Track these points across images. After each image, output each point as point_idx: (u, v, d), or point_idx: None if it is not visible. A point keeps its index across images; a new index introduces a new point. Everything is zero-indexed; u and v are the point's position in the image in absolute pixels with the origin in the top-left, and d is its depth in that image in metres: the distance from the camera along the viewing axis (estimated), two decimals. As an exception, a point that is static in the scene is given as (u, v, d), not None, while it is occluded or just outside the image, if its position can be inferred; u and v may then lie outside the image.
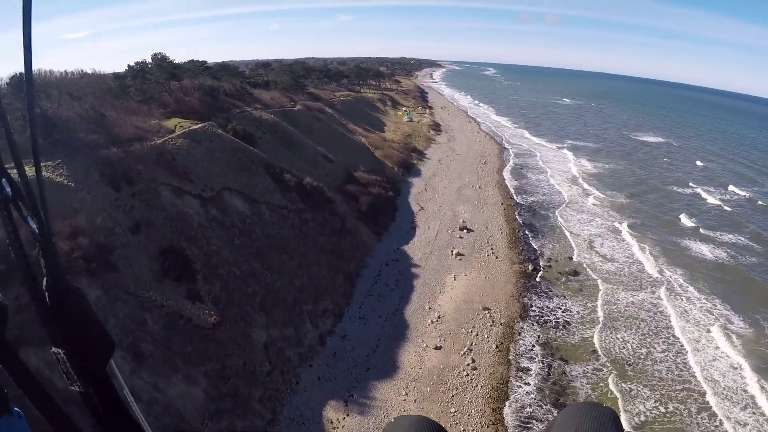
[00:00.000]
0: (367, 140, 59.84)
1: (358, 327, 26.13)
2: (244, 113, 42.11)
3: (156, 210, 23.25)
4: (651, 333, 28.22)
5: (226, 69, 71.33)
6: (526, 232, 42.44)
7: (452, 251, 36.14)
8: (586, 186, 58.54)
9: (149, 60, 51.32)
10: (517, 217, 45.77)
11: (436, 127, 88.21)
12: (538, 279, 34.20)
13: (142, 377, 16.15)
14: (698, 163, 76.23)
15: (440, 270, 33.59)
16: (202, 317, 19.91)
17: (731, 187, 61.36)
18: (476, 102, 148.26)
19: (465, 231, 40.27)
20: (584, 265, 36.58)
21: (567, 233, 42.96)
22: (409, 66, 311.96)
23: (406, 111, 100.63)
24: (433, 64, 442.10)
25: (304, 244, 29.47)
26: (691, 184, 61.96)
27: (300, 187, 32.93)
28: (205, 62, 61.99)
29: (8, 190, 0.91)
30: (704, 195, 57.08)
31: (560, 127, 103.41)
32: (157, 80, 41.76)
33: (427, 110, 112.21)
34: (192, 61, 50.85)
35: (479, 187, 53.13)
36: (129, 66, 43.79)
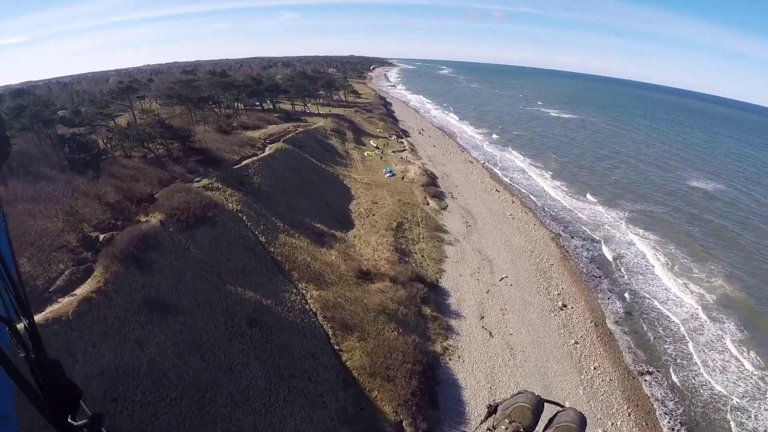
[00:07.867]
0: (320, 298, 23.62)
1: None
2: None
3: None
4: None
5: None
6: None
7: None
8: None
9: None
10: None
11: (434, 186, 53.37)
12: None
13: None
14: None
15: None
16: None
17: None
18: (453, 116, 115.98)
19: None
20: None
21: None
22: (361, 66, 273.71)
23: (378, 151, 64.83)
24: (384, 62, 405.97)
25: None
26: None
27: None
28: None
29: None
30: None
31: (591, 168, 71.45)
32: None
33: (405, 141, 77.02)
34: None
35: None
36: None
